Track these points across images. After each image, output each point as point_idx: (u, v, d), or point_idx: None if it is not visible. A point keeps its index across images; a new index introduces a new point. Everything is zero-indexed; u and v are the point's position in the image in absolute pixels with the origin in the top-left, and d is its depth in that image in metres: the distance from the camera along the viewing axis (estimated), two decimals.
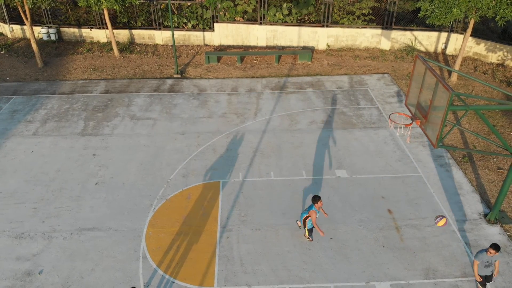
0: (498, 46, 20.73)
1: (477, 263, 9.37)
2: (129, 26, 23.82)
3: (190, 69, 21.13)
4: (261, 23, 23.08)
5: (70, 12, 24.41)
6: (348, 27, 22.77)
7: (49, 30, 23.51)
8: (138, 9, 23.55)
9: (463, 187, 13.22)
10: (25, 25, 23.81)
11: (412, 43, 22.64)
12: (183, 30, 23.70)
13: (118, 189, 13.22)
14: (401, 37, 22.71)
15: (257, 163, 14.32)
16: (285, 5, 22.75)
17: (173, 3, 23.64)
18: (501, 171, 13.90)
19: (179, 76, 20.40)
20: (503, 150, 14.32)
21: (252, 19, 23.37)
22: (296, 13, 22.95)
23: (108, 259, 10.89)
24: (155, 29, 23.64)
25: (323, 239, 11.37)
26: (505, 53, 20.59)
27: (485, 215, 12.10)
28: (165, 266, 10.72)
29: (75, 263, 10.79)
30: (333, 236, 11.49)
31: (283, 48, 23.33)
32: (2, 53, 22.81)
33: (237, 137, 15.68)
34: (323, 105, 17.75)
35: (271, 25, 23.07)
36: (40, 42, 23.70)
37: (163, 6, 23.48)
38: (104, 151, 14.96)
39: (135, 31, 23.72)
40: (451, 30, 21.96)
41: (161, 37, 23.73)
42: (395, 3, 22.09)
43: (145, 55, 22.66)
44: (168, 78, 20.28)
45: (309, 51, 21.78)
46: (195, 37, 23.75)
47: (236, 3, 23.10)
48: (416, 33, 22.54)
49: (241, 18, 23.60)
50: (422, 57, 10.88)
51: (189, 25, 23.73)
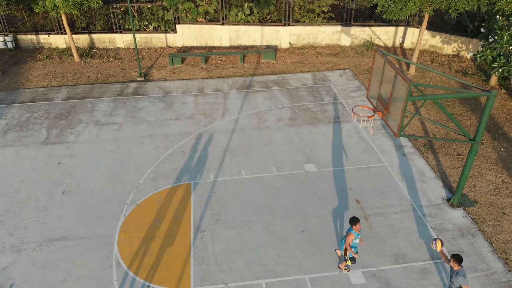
0: (452, 38, 21.63)
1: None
2: (88, 30, 23.31)
3: (154, 72, 20.93)
4: (223, 24, 23.13)
5: (26, 18, 23.64)
6: (309, 25, 23.16)
7: (6, 38, 22.70)
8: (96, 12, 23.09)
9: (425, 174, 13.77)
10: None
11: (371, 39, 23.28)
12: (144, 32, 23.42)
13: (86, 197, 12.98)
14: (360, 33, 23.32)
15: (228, 162, 14.40)
16: (246, 5, 22.90)
17: (133, 6, 23.32)
18: (460, 157, 14.56)
19: (142, 79, 20.16)
20: (462, 136, 15.02)
21: (214, 20, 23.39)
22: (257, 13, 23.14)
23: (80, 268, 10.70)
24: (116, 32, 23.25)
25: (296, 232, 11.60)
26: (460, 44, 21.51)
27: (448, 200, 12.67)
28: (140, 271, 10.65)
29: (46, 274, 10.54)
30: (305, 228, 11.74)
31: (246, 47, 23.47)
32: None
33: (206, 138, 15.69)
34: (289, 102, 18.02)
35: (234, 25, 23.17)
36: None
37: (122, 9, 23.12)
38: (69, 159, 14.63)
39: (95, 36, 23.24)
40: (408, 24, 22.74)
41: (122, 40, 23.37)
42: (353, 0, 22.66)
43: (107, 59, 22.25)
44: (131, 81, 20.01)
45: (272, 50, 22.03)
46: (158, 39, 23.53)
47: (197, 4, 23.05)
48: (374, 28, 23.20)
49: (203, 19, 23.58)
50: (381, 50, 11.24)
51: (151, 27, 23.49)
